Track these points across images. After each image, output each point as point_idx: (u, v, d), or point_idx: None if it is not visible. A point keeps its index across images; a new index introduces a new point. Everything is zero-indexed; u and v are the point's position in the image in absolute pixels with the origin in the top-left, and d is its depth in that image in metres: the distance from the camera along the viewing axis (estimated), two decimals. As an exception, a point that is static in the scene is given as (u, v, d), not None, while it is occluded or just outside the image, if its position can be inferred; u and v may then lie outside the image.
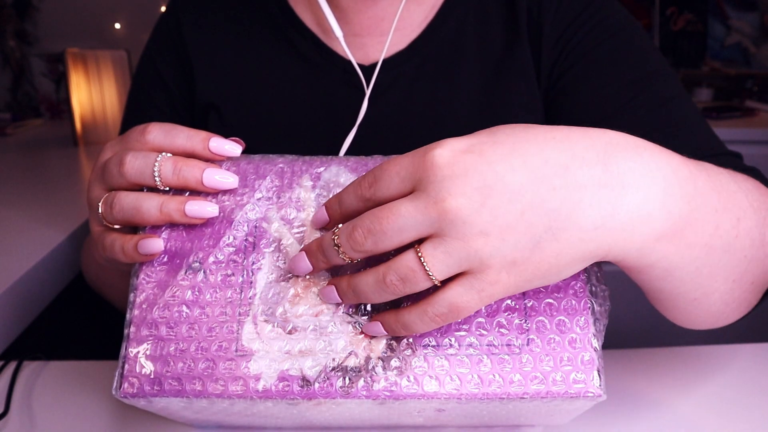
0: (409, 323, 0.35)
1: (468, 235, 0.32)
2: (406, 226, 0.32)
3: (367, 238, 0.33)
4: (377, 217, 0.33)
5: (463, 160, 0.32)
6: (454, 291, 0.33)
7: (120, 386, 0.38)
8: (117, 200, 0.40)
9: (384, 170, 0.34)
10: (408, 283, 0.33)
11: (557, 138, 0.33)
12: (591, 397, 0.36)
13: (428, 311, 0.34)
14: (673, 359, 0.55)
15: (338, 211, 0.37)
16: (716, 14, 2.00)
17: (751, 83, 1.92)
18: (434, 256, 0.32)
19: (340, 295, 0.37)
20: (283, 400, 0.37)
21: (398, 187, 0.34)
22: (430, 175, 0.32)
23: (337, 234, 0.35)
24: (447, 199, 0.32)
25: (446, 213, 0.32)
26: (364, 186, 0.35)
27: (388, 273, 0.34)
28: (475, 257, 0.32)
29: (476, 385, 0.36)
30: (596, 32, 0.58)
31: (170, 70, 0.65)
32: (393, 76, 0.60)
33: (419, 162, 0.33)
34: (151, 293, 0.39)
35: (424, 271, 0.33)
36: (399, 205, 0.33)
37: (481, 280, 0.33)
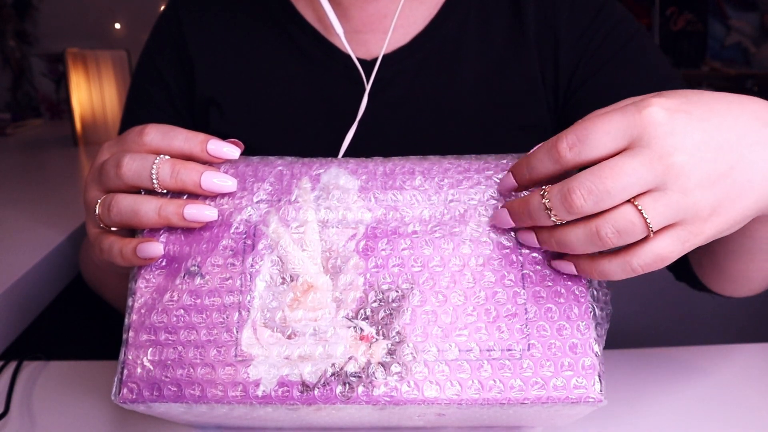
0: (608, 271, 0.36)
1: (689, 188, 0.33)
2: (631, 183, 0.33)
3: (588, 199, 0.33)
4: (599, 176, 0.33)
5: (678, 118, 0.33)
6: (662, 242, 0.34)
7: (119, 392, 0.37)
8: (114, 203, 0.40)
9: (589, 129, 0.34)
10: (625, 236, 0.34)
11: (732, 102, 0.35)
12: (591, 403, 0.36)
13: (632, 261, 0.35)
14: (673, 359, 0.55)
15: (527, 176, 0.37)
16: (716, 14, 2.00)
17: (751, 83, 1.92)
18: (655, 209, 0.33)
19: (540, 240, 0.37)
20: (282, 405, 0.36)
21: (609, 146, 0.34)
22: (651, 131, 0.33)
23: (547, 197, 0.35)
24: (673, 154, 0.33)
25: (672, 167, 0.33)
26: (562, 148, 0.35)
27: (604, 226, 0.34)
28: (692, 209, 0.33)
29: (476, 391, 0.36)
30: (613, 37, 0.58)
31: (170, 67, 0.65)
32: (394, 72, 0.60)
33: (635, 118, 0.33)
34: (149, 298, 0.39)
35: (645, 223, 0.33)
36: (621, 162, 0.33)
37: (689, 231, 0.34)
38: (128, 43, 1.68)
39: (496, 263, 0.38)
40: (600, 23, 0.59)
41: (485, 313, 0.38)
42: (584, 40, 0.59)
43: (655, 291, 0.61)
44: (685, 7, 2.01)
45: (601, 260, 0.36)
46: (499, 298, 0.38)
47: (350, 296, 0.38)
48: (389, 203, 0.40)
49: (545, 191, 0.35)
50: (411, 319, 0.37)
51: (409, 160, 0.41)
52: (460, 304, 0.38)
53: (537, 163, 0.36)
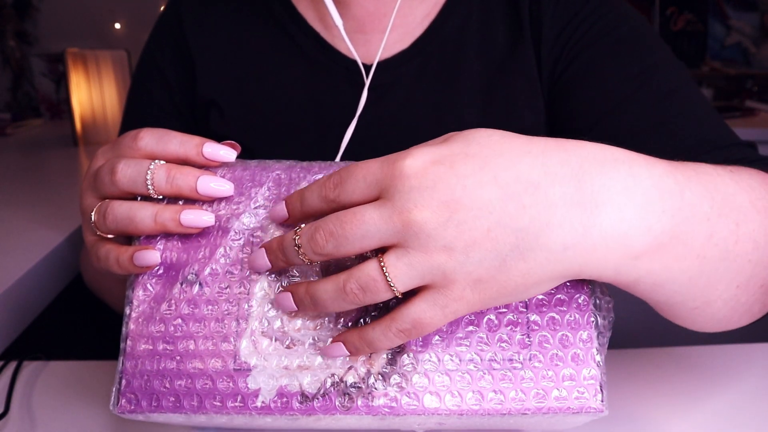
0: (374, 340, 0.34)
1: (431, 249, 0.31)
2: (369, 233, 0.32)
3: (329, 241, 0.33)
4: (340, 221, 0.32)
5: (433, 172, 0.32)
6: (417, 306, 0.33)
7: (118, 402, 0.37)
8: (110, 210, 0.39)
9: (350, 173, 0.34)
10: (369, 293, 0.33)
11: (532, 152, 0.33)
12: (593, 413, 0.36)
13: (392, 327, 0.33)
14: (673, 359, 0.55)
15: (299, 208, 0.36)
16: (716, 14, 2.00)
17: (751, 83, 1.92)
18: (396, 267, 0.32)
19: (296, 302, 0.36)
20: (282, 416, 0.36)
21: (363, 192, 0.33)
22: (398, 184, 0.32)
23: (298, 234, 0.34)
24: (412, 210, 0.31)
25: (410, 225, 0.31)
26: (328, 186, 0.34)
27: (349, 281, 0.33)
28: (438, 271, 0.32)
29: (477, 402, 0.36)
30: (597, 27, 0.57)
31: (171, 67, 0.65)
32: (396, 75, 0.60)
33: (388, 169, 0.32)
34: (146, 307, 0.38)
35: (386, 281, 0.32)
36: (363, 211, 0.32)
37: (445, 296, 0.32)
38: (128, 43, 1.68)
39: None
40: (586, 15, 0.57)
41: (486, 323, 0.37)
42: (566, 32, 0.57)
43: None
44: (685, 7, 2.01)
45: (365, 329, 0.35)
46: (500, 307, 0.37)
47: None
48: None
49: (299, 228, 0.35)
50: None
51: None
52: None
53: (309, 197, 0.35)
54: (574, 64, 0.57)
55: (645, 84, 0.54)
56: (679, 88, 0.54)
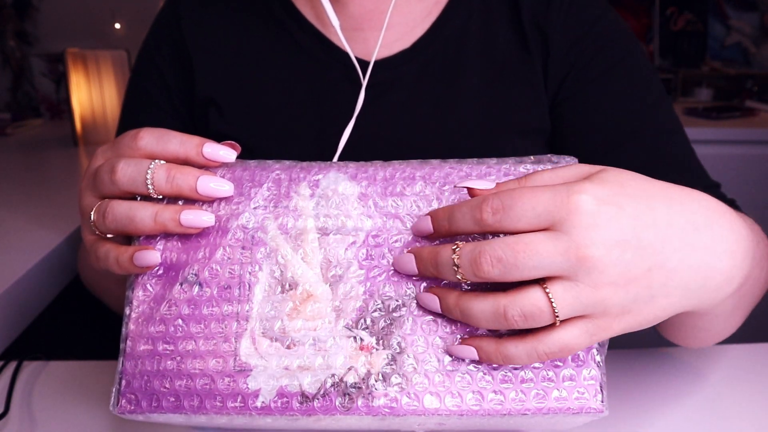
0: (514, 356, 0.35)
1: (600, 284, 0.32)
2: (542, 264, 0.32)
3: (495, 266, 0.33)
4: (512, 248, 0.32)
5: (606, 211, 0.33)
6: (569, 333, 0.34)
7: (118, 403, 0.37)
8: (110, 209, 0.39)
9: (516, 199, 0.33)
10: (530, 320, 0.33)
11: (674, 198, 0.35)
12: (593, 414, 0.36)
13: (538, 348, 0.34)
14: (673, 359, 0.55)
15: (446, 227, 0.36)
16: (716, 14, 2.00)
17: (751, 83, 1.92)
18: (564, 298, 0.33)
19: (444, 308, 0.36)
20: (282, 416, 0.36)
21: (532, 222, 0.33)
22: (575, 219, 0.32)
23: (458, 254, 0.34)
24: (590, 247, 0.32)
25: (586, 260, 0.32)
26: (486, 210, 0.34)
27: (511, 307, 0.33)
28: (601, 305, 0.33)
29: (477, 402, 0.36)
30: (603, 55, 0.58)
31: (169, 66, 0.65)
32: (396, 75, 0.60)
33: (563, 202, 0.32)
34: (146, 307, 0.38)
35: (553, 311, 0.33)
36: (537, 242, 0.32)
37: (597, 326, 0.34)
38: (128, 43, 1.67)
39: None
40: (593, 38, 0.58)
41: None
42: (574, 52, 0.58)
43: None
44: (685, 7, 2.01)
45: (507, 343, 0.35)
46: None
47: (350, 305, 0.38)
48: (389, 210, 0.39)
49: (457, 246, 0.34)
50: (411, 329, 0.37)
51: (410, 164, 0.41)
52: None
53: (459, 217, 0.35)
54: (582, 91, 0.58)
55: (647, 121, 0.57)
56: (675, 129, 0.58)
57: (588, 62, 0.58)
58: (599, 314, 0.33)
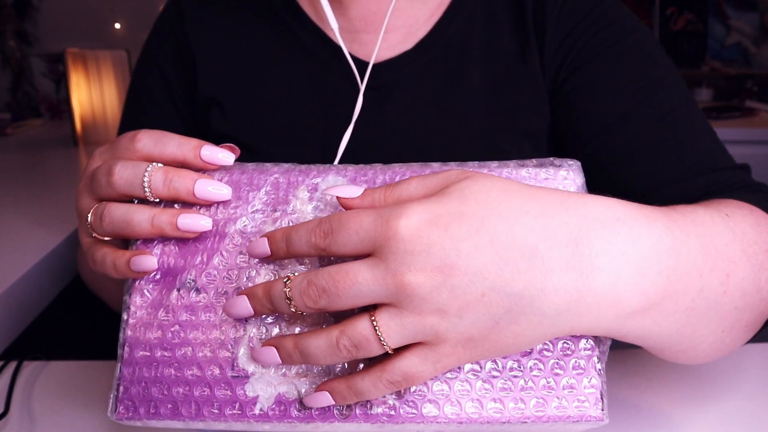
0: (363, 390, 0.34)
1: (424, 311, 0.31)
2: (362, 293, 0.32)
3: (321, 297, 0.32)
4: (333, 279, 0.32)
5: (427, 235, 0.31)
6: (408, 360, 0.33)
7: (116, 409, 0.37)
8: (107, 212, 0.39)
9: (342, 224, 0.33)
10: (361, 349, 0.33)
11: (531, 212, 0.32)
12: (593, 422, 0.36)
13: (382, 378, 0.33)
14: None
15: (284, 249, 0.35)
16: (716, 14, 2.00)
17: (751, 83, 1.92)
18: (389, 326, 0.32)
19: (283, 356, 0.35)
20: (280, 423, 0.36)
21: (356, 247, 0.33)
22: (392, 246, 0.31)
23: (289, 287, 0.34)
24: (406, 274, 0.31)
25: (404, 287, 0.31)
26: (318, 234, 0.33)
27: (341, 338, 0.33)
28: (431, 332, 0.32)
29: (476, 410, 0.36)
30: (600, 37, 0.57)
31: (172, 65, 0.64)
32: (399, 76, 0.59)
33: (382, 228, 0.32)
34: (144, 313, 0.38)
35: (378, 340, 0.32)
36: (356, 271, 0.32)
37: (437, 352, 0.33)
38: (128, 43, 1.68)
39: None
40: (589, 23, 0.57)
41: None
42: (569, 40, 0.57)
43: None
44: (685, 7, 2.01)
45: (355, 378, 0.34)
46: None
47: (348, 311, 0.37)
48: None
49: (289, 279, 0.34)
50: None
51: (410, 167, 0.40)
52: None
53: (297, 240, 0.34)
54: (576, 74, 0.57)
55: (646, 100, 0.54)
56: (679, 106, 0.54)
57: (583, 45, 0.57)
58: (434, 341, 0.32)
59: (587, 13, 0.58)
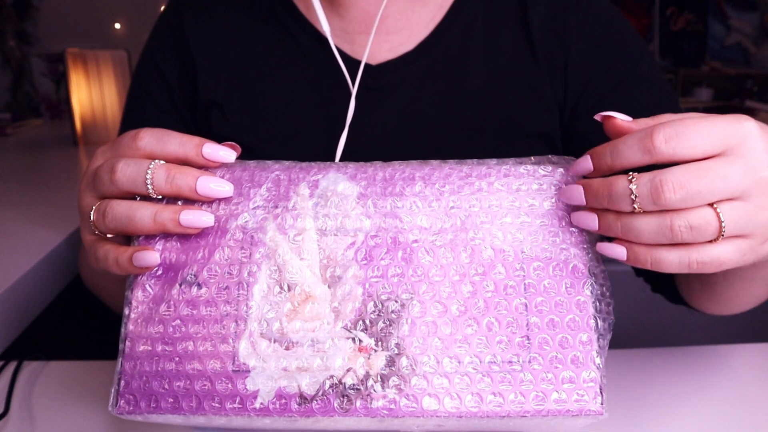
0: (663, 260, 0.35)
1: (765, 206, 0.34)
2: (722, 188, 0.33)
3: (678, 192, 0.33)
4: (694, 175, 0.33)
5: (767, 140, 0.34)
6: (725, 247, 0.35)
7: (116, 403, 0.37)
8: (109, 209, 0.39)
9: (690, 127, 0.34)
10: (696, 233, 0.34)
11: None
12: (592, 416, 0.36)
13: (692, 255, 0.35)
14: (673, 359, 0.55)
15: (609, 162, 0.36)
16: (716, 14, 2.00)
17: (751, 83, 1.92)
18: (732, 215, 0.34)
19: (602, 224, 0.37)
20: (280, 417, 0.36)
21: (707, 148, 0.34)
22: (750, 143, 0.34)
23: (636, 183, 0.34)
24: (765, 169, 0.34)
25: (762, 182, 0.34)
26: (658, 139, 0.34)
27: (678, 219, 0.34)
28: (762, 226, 0.35)
29: (476, 404, 0.36)
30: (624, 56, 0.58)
31: (172, 67, 0.64)
32: (400, 77, 0.60)
33: (735, 128, 0.34)
34: (145, 308, 0.39)
35: (720, 226, 0.34)
36: (719, 167, 0.33)
37: (750, 245, 0.35)
38: (128, 43, 1.68)
39: (498, 273, 0.38)
40: (611, 40, 0.58)
41: (486, 325, 0.37)
42: (595, 56, 0.58)
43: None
44: (685, 7, 2.01)
45: (660, 249, 0.36)
46: (500, 309, 0.37)
47: (349, 306, 0.38)
48: (389, 210, 0.39)
49: (633, 177, 0.35)
50: (410, 330, 0.37)
51: (410, 164, 0.41)
52: (460, 315, 0.37)
53: (625, 150, 0.35)
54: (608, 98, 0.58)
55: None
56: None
57: (610, 64, 0.58)
58: (756, 235, 0.35)
59: (608, 29, 0.59)
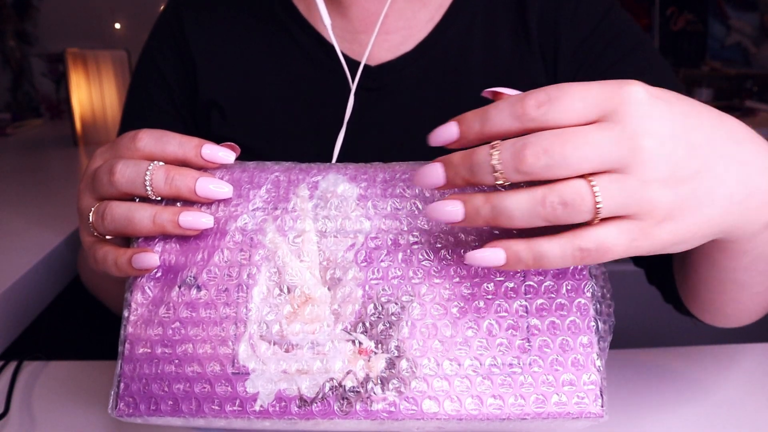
0: (547, 252, 0.31)
1: (649, 180, 0.30)
2: (592, 156, 0.30)
3: (541, 158, 0.30)
4: (561, 139, 0.30)
5: (659, 105, 0.31)
6: (609, 230, 0.31)
7: (116, 406, 0.37)
8: (108, 210, 0.39)
9: (564, 92, 0.31)
10: (569, 209, 0.30)
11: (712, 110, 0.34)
12: (592, 418, 0.36)
13: (574, 242, 0.31)
14: (672, 359, 0.55)
15: (478, 129, 0.32)
16: (716, 14, 2.00)
17: (751, 83, 1.92)
18: (608, 189, 0.30)
19: (469, 211, 0.32)
20: (280, 420, 0.36)
21: (581, 113, 0.30)
22: (628, 108, 0.30)
23: (498, 149, 0.31)
24: (644, 136, 0.30)
25: (640, 151, 0.30)
26: (529, 104, 0.31)
27: (550, 194, 0.30)
28: (647, 204, 0.30)
29: (476, 407, 0.36)
30: (614, 47, 0.58)
31: (171, 68, 0.64)
32: (399, 78, 0.60)
33: (614, 92, 0.30)
34: (145, 310, 0.38)
35: (594, 200, 0.30)
36: (588, 131, 0.30)
37: (639, 229, 0.31)
38: (128, 43, 1.68)
39: (499, 275, 0.38)
40: (601, 32, 0.58)
41: (486, 328, 0.37)
42: (584, 49, 0.58)
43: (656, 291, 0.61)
44: (685, 7, 2.01)
45: (539, 240, 0.32)
46: (500, 311, 0.37)
47: (348, 309, 0.38)
48: (389, 212, 0.39)
49: (495, 145, 0.31)
50: (410, 332, 0.37)
51: (410, 165, 0.41)
52: (460, 318, 0.37)
53: (495, 115, 0.32)
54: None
55: None
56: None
57: (599, 55, 0.57)
58: (644, 215, 0.31)
59: (602, 19, 0.58)
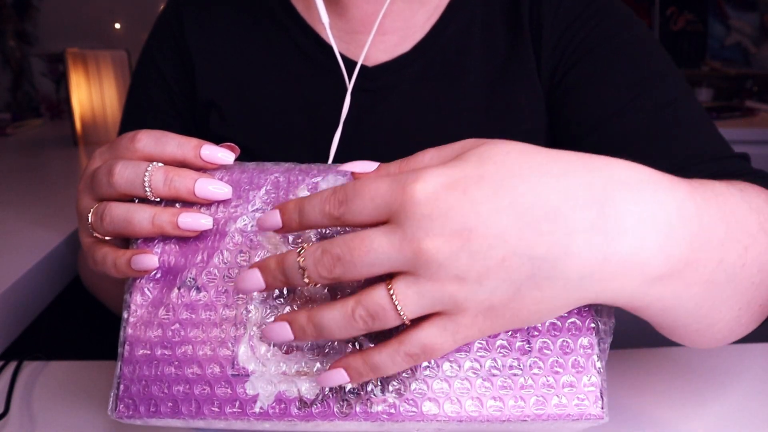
0: (380, 364, 0.33)
1: (443, 278, 0.30)
2: (378, 260, 0.30)
3: (336, 266, 0.31)
4: (348, 246, 0.31)
5: (445, 198, 0.30)
6: (427, 331, 0.32)
7: (116, 408, 0.37)
8: (107, 211, 0.39)
9: (357, 192, 0.32)
10: (378, 321, 0.31)
11: (553, 173, 0.31)
12: (593, 420, 0.36)
13: (400, 351, 0.32)
14: (673, 359, 0.55)
15: (296, 220, 0.34)
16: (716, 14, 2.00)
17: (751, 83, 1.92)
18: (406, 294, 0.30)
19: (296, 331, 0.33)
20: (280, 422, 0.36)
21: (371, 215, 0.31)
22: (408, 211, 0.30)
23: (303, 256, 0.32)
24: (423, 239, 0.29)
25: (421, 254, 0.30)
26: (332, 203, 0.32)
27: (357, 308, 0.31)
28: (450, 300, 0.30)
29: (476, 408, 0.36)
30: (597, 32, 0.57)
31: (171, 68, 0.64)
32: (397, 78, 0.60)
33: (398, 193, 0.30)
34: (144, 312, 0.38)
35: (395, 309, 0.31)
36: (372, 237, 0.30)
37: (456, 323, 0.31)
38: (128, 43, 1.68)
39: None
40: (585, 19, 0.57)
41: None
42: (566, 37, 0.57)
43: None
44: (685, 7, 2.01)
45: (369, 353, 0.33)
46: None
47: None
48: None
49: (303, 249, 0.32)
50: None
51: None
52: None
53: (309, 211, 0.33)
54: (573, 69, 0.57)
55: (644, 92, 0.54)
56: (677, 98, 0.54)
57: (581, 41, 0.57)
58: (453, 311, 0.31)
59: (584, 9, 0.58)
